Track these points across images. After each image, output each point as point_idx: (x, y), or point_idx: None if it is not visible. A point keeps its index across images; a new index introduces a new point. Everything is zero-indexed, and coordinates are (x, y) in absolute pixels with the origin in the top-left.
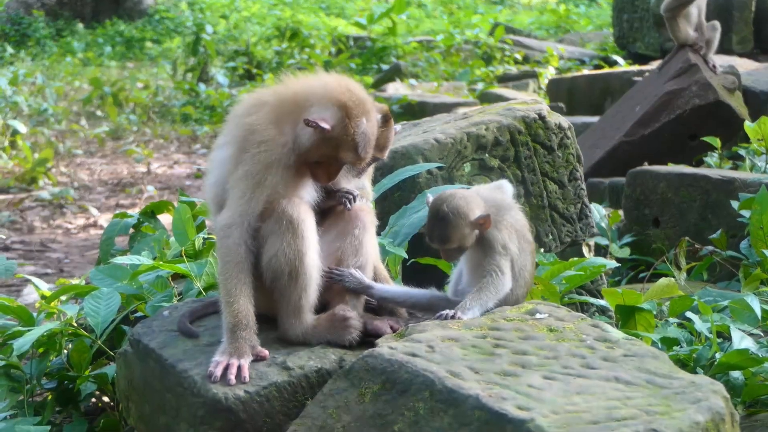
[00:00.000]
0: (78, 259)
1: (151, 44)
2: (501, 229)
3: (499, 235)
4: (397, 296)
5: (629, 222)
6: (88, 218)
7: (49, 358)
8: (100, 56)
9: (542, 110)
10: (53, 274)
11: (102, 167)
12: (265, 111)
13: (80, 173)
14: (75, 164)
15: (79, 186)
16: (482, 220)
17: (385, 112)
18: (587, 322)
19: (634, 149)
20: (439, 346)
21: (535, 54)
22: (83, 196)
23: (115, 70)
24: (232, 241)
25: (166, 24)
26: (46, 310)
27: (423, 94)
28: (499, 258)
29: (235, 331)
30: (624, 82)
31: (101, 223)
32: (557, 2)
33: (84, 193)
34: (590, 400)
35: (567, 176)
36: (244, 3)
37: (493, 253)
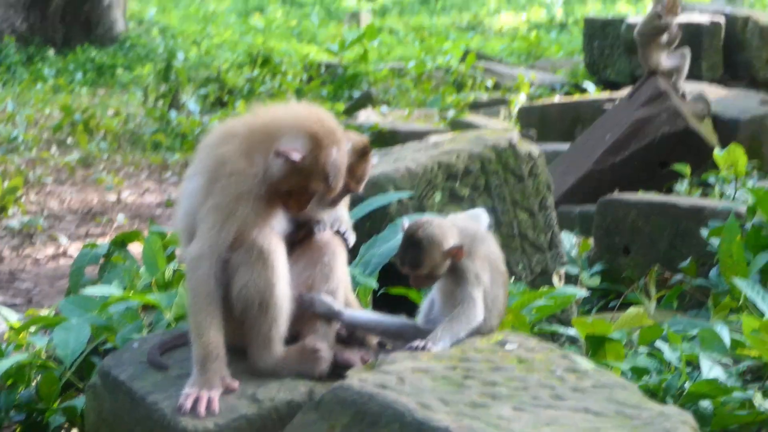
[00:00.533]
0: (47, 288)
1: (123, 71)
2: (474, 260)
3: (472, 266)
4: (366, 322)
5: (599, 250)
6: (57, 247)
7: (18, 390)
8: (71, 83)
9: (513, 139)
10: (22, 304)
11: (72, 195)
12: (236, 142)
13: (50, 202)
14: (45, 192)
15: (49, 215)
16: (455, 250)
17: (364, 144)
18: (557, 353)
19: (605, 177)
20: (409, 378)
21: (506, 80)
22: (53, 224)
23: (85, 97)
24: (201, 273)
25: (137, 51)
26: (15, 342)
27: (394, 121)
28: (472, 288)
29: (205, 363)
30: (594, 109)
31: (71, 252)
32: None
33: (54, 222)
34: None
35: (537, 205)
36: (216, 30)
37: (465, 283)
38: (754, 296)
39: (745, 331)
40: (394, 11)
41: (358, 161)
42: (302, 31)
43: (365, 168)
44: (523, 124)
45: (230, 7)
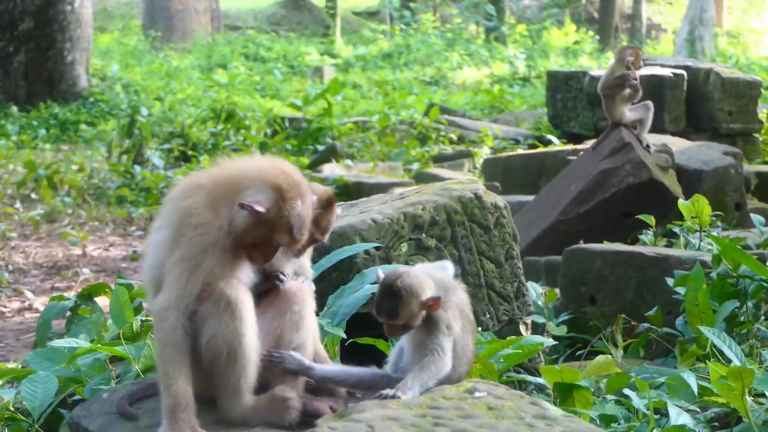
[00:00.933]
0: (13, 343)
1: (86, 126)
2: (447, 309)
3: (445, 316)
4: (338, 376)
5: (566, 300)
6: (23, 302)
7: None
8: (34, 139)
9: (478, 190)
10: None
11: (37, 250)
12: (201, 194)
13: (15, 256)
14: (9, 247)
15: (14, 269)
16: (432, 301)
17: (329, 195)
18: (526, 400)
19: (570, 227)
20: (379, 426)
21: (470, 134)
22: (18, 279)
23: (49, 152)
24: (169, 324)
25: (100, 106)
26: None
27: (359, 174)
28: (443, 338)
29: (174, 413)
30: (559, 161)
31: (37, 306)
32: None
33: (19, 276)
34: None
35: (503, 255)
36: (179, 85)
37: (437, 333)
38: (720, 344)
39: (713, 379)
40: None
41: (323, 212)
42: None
43: (330, 218)
44: (487, 176)
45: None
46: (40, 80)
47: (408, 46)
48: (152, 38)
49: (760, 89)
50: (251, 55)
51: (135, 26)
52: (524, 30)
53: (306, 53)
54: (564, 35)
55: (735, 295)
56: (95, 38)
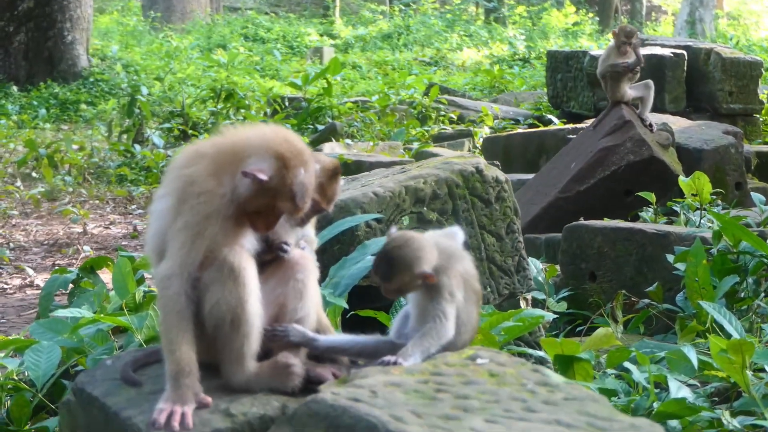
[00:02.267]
0: (15, 319)
1: (86, 106)
2: (451, 277)
3: (448, 282)
4: (342, 345)
5: (566, 276)
6: (24, 278)
7: None
8: (34, 119)
9: (479, 164)
10: None
11: (38, 228)
12: (204, 163)
13: (16, 234)
14: (10, 225)
15: (15, 247)
16: (427, 276)
17: (335, 165)
18: (528, 367)
19: (570, 205)
20: (381, 391)
21: (470, 113)
22: (19, 256)
23: (50, 132)
24: (172, 291)
25: (100, 86)
26: None
27: (359, 153)
28: (445, 304)
29: (178, 379)
30: (559, 139)
31: (38, 283)
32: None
33: (20, 254)
34: None
35: (504, 229)
36: (179, 65)
37: (439, 299)
38: (720, 318)
39: (713, 352)
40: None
41: (328, 181)
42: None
43: (335, 188)
44: (487, 155)
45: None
46: (40, 60)
47: (407, 26)
48: (152, 19)
49: (761, 69)
50: (250, 35)
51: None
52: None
53: (305, 34)
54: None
55: (735, 271)
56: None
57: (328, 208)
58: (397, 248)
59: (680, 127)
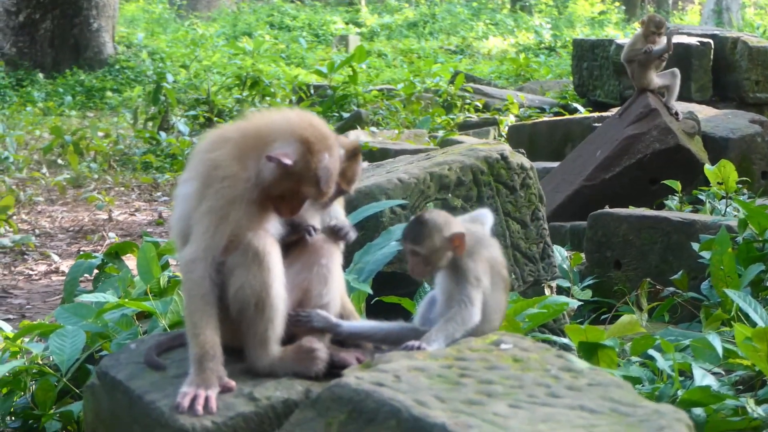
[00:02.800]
0: (40, 305)
1: (112, 93)
2: (477, 261)
3: (474, 266)
4: (366, 331)
5: (591, 264)
6: (49, 264)
7: (14, 396)
8: (60, 106)
9: (504, 151)
10: (15, 320)
11: (63, 215)
12: (229, 147)
13: (41, 220)
14: (36, 212)
15: (41, 233)
16: (456, 238)
17: (354, 146)
18: (552, 353)
19: (595, 193)
20: (405, 376)
21: (495, 102)
22: (44, 243)
23: (75, 119)
24: (196, 275)
25: (126, 73)
26: (10, 350)
27: (384, 141)
28: (471, 288)
29: (202, 362)
30: (584, 127)
31: (63, 269)
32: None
33: (45, 240)
34: (556, 428)
35: (529, 216)
36: (205, 53)
37: (465, 283)
38: (746, 307)
39: (738, 340)
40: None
41: (348, 163)
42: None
43: (356, 169)
44: (513, 143)
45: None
46: (66, 47)
47: (433, 15)
48: (177, 6)
49: None
50: (276, 23)
51: None
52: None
53: (331, 22)
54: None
55: (761, 260)
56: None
57: (349, 189)
58: (429, 213)
59: (706, 116)
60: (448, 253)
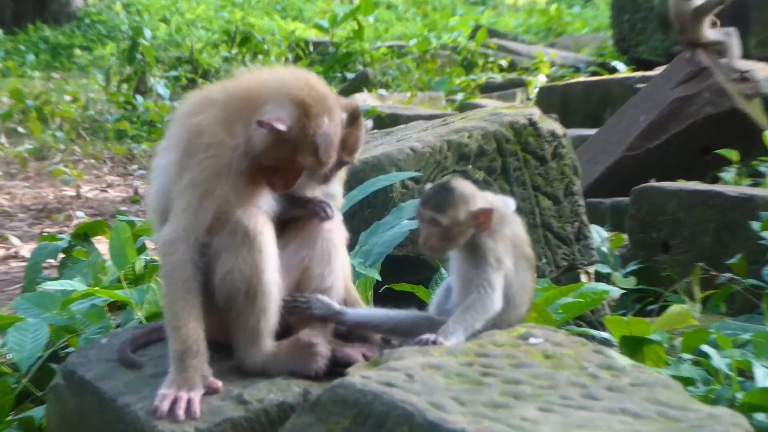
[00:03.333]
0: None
1: (81, 52)
2: (497, 240)
3: (494, 246)
4: (373, 320)
5: (634, 247)
6: (8, 249)
7: None
8: (21, 65)
9: (533, 115)
10: None
11: (24, 191)
12: (214, 110)
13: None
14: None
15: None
16: (482, 214)
17: (353, 108)
18: (588, 348)
19: (639, 165)
20: (419, 375)
21: (522, 60)
22: (2, 223)
23: (39, 81)
24: (176, 258)
25: (97, 29)
26: None
27: (394, 105)
28: (491, 271)
29: (183, 360)
30: (625, 89)
31: (24, 254)
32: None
33: (3, 221)
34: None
35: (562, 191)
36: (188, 4)
37: (484, 266)
38: None
39: None
40: None
41: (349, 128)
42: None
43: (357, 135)
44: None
45: None
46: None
47: None
48: None
49: None
50: None
51: None
52: None
53: None
54: None
55: None
56: None
57: (350, 159)
58: (455, 182)
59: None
60: (470, 230)
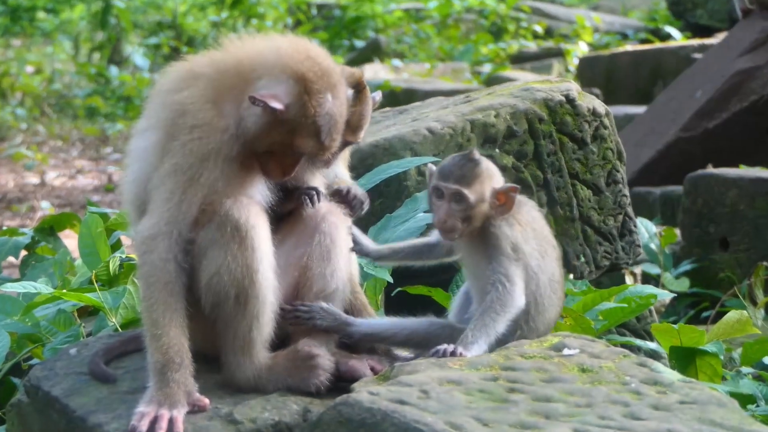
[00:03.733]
0: None
1: (45, 15)
2: (513, 225)
3: (510, 233)
4: (385, 331)
5: (688, 243)
6: None
7: None
8: None
9: (570, 91)
10: None
11: None
12: (200, 86)
13: None
14: None
15: None
16: (506, 192)
17: (357, 79)
18: (631, 360)
19: (695, 148)
20: (435, 391)
21: (561, 26)
22: None
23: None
24: (156, 257)
25: None
26: None
27: (411, 78)
28: (508, 263)
29: (164, 373)
30: (680, 59)
31: None
32: None
33: None
34: None
35: (604, 178)
36: None
37: (499, 257)
38: None
39: None
40: None
41: (352, 102)
42: None
43: (363, 111)
44: (584, 81)
45: None
46: None
47: None
48: None
49: None
50: None
51: None
52: None
53: None
54: None
55: None
56: None
57: (355, 139)
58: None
59: None
60: (489, 212)
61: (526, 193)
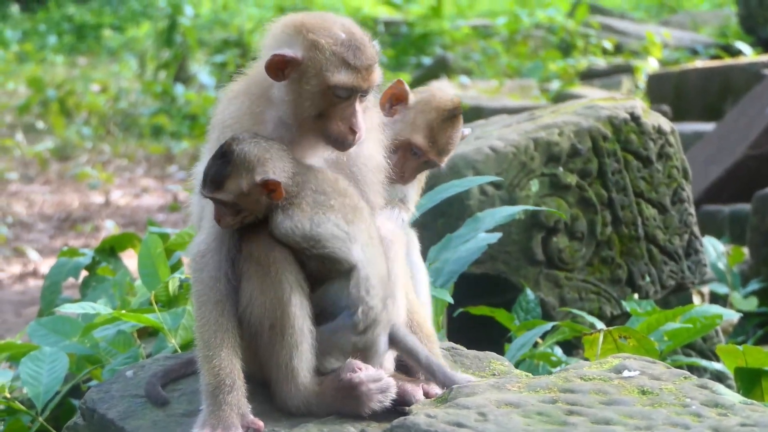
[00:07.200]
0: (12, 318)
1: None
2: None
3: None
4: None
5: (757, 263)
6: (25, 264)
7: None
8: (41, 49)
9: (635, 108)
10: None
11: (45, 197)
12: (238, 101)
13: (15, 205)
14: (8, 193)
15: (14, 222)
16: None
17: (456, 103)
18: (692, 382)
19: (764, 165)
20: (493, 414)
21: (630, 42)
22: (19, 235)
23: (61, 67)
24: (206, 275)
25: (130, 6)
26: None
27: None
28: None
29: (216, 395)
30: (750, 76)
31: (43, 270)
32: None
33: (20, 232)
34: None
35: (670, 197)
36: None
37: None
38: None
39: None
40: None
41: (442, 123)
42: None
43: (451, 134)
44: (653, 98)
45: None
46: None
47: None
48: None
49: None
50: None
51: None
52: None
53: None
54: None
55: None
56: None
57: (439, 161)
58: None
59: None
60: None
61: (590, 211)
